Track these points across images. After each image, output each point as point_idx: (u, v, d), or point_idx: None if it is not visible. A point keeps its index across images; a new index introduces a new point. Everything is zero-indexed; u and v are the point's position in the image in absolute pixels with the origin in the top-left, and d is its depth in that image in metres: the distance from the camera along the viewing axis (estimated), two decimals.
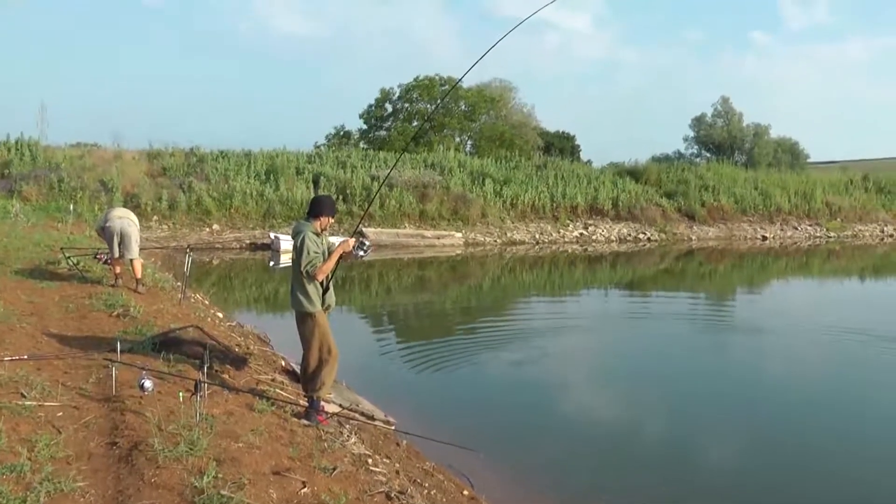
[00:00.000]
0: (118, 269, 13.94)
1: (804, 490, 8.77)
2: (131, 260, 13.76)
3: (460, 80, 42.11)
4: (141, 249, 14.60)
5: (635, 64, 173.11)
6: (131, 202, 31.30)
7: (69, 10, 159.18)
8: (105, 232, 13.83)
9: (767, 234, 45.04)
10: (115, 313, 11.48)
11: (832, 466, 9.53)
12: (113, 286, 13.59)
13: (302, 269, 7.83)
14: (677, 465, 9.44)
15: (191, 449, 5.93)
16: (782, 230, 46.33)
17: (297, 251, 7.89)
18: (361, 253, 8.16)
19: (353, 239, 8.07)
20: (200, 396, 6.89)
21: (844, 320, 19.43)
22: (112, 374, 7.43)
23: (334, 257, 7.89)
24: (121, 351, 8.11)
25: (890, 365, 15.19)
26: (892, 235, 48.77)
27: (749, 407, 12.10)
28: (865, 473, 9.22)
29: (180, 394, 6.99)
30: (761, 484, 8.76)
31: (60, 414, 6.62)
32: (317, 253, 7.83)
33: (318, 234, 8.01)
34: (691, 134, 72.73)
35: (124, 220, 13.85)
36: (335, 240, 8.20)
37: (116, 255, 13.74)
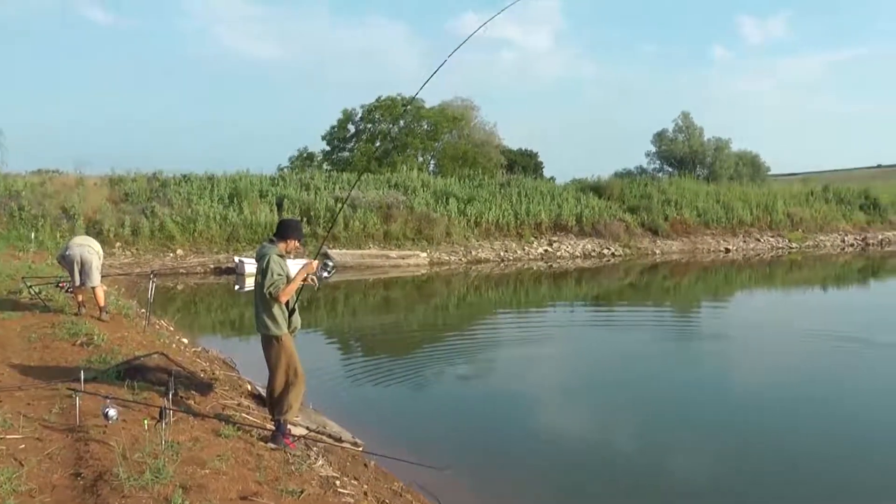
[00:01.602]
0: (81, 298, 13.82)
1: (778, 495, 8.84)
2: (93, 287, 13.66)
3: (415, 95, 42.47)
4: (104, 276, 14.49)
5: (595, 80, 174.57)
6: (94, 229, 31.06)
7: (27, 35, 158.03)
8: (65, 260, 13.72)
9: (730, 247, 45.46)
10: (79, 342, 11.38)
11: (804, 467, 9.62)
12: (76, 315, 13.47)
13: (265, 290, 7.83)
14: (647, 478, 9.48)
15: (156, 477, 5.88)
16: (745, 242, 46.77)
17: (262, 273, 7.89)
18: (325, 274, 8.18)
19: (317, 261, 8.08)
20: (166, 423, 6.85)
21: (812, 326, 19.91)
22: (76, 404, 7.36)
23: (298, 279, 7.90)
24: (84, 380, 8.03)
25: (858, 365, 15.69)
26: (852, 245, 49.44)
27: (718, 415, 12.25)
28: (837, 472, 9.35)
29: (145, 421, 6.94)
30: (735, 494, 8.84)
31: (23, 446, 6.56)
32: (280, 275, 7.82)
33: (282, 257, 8.01)
34: (653, 149, 73.33)
35: (84, 247, 13.74)
36: (299, 262, 8.19)
37: (78, 283, 13.63)
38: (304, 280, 8.03)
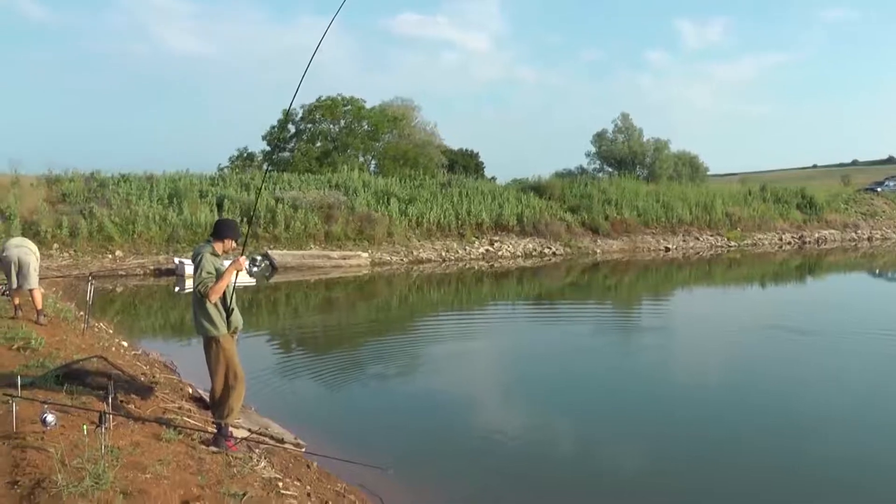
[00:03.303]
0: (17, 301, 13.65)
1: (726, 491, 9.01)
2: (30, 290, 13.49)
3: (296, 91, 42.07)
4: (41, 279, 14.31)
5: (535, 82, 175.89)
6: (30, 230, 30.52)
7: None
8: (2, 263, 13.53)
9: (670, 246, 46.02)
10: (16, 346, 11.22)
11: (742, 458, 9.81)
12: (13, 318, 13.28)
13: (194, 287, 7.80)
14: (588, 473, 9.62)
15: (96, 483, 5.83)
16: (685, 241, 47.39)
17: (194, 272, 7.86)
18: (255, 269, 8.17)
19: (244, 257, 8.05)
20: (105, 428, 6.79)
21: (750, 319, 20.65)
22: (12, 410, 7.26)
23: (227, 277, 7.83)
24: (21, 385, 7.92)
25: (797, 356, 16.21)
26: (789, 243, 50.42)
27: (655, 408, 12.45)
28: (782, 462, 9.53)
29: (84, 427, 6.88)
30: (672, 487, 8.98)
31: None
32: (210, 273, 7.77)
33: (217, 256, 7.97)
34: (593, 149, 74.05)
35: (21, 248, 13.58)
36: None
37: (15, 285, 13.45)
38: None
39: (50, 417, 6.85)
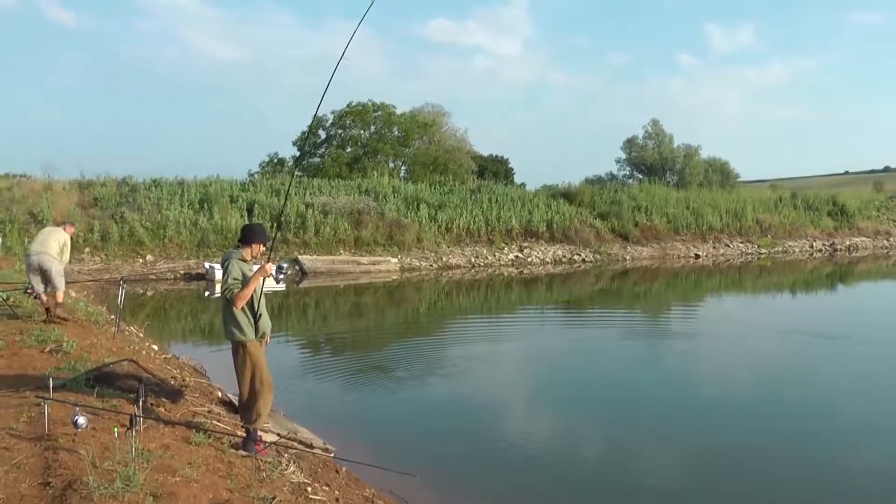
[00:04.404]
0: (48, 304, 13.69)
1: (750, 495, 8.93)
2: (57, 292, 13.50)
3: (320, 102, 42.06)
4: (73, 282, 14.40)
5: (565, 87, 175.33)
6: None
7: None
8: (28, 268, 13.56)
9: (700, 253, 45.72)
10: (48, 349, 11.30)
11: (774, 464, 9.71)
12: (45, 321, 13.35)
13: (221, 292, 7.83)
14: (617, 480, 9.56)
15: (127, 485, 5.85)
16: (714, 248, 47.08)
17: (222, 277, 7.88)
18: (282, 276, 8.17)
19: (271, 263, 8.05)
20: (136, 431, 6.82)
21: (782, 327, 20.51)
22: (44, 412, 7.29)
23: (253, 283, 7.82)
24: (53, 388, 7.97)
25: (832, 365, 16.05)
26: (820, 251, 49.90)
27: (689, 415, 12.36)
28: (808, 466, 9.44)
29: (115, 429, 6.91)
30: (708, 494, 8.91)
31: None
32: (236, 279, 7.76)
33: (245, 262, 7.98)
34: (623, 156, 73.59)
35: (42, 255, 13.41)
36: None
37: (39, 290, 13.46)
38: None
39: (81, 420, 6.88)
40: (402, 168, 59.54)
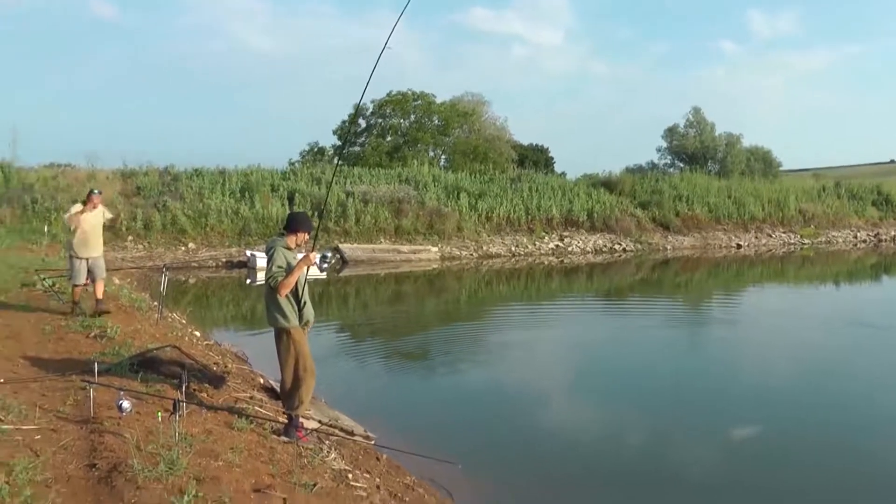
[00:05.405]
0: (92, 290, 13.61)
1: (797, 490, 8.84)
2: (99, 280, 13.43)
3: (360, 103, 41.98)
4: (117, 269, 14.49)
5: (606, 75, 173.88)
6: (106, 222, 31.01)
7: (39, 31, 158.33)
8: (72, 261, 13.43)
9: (742, 242, 45.25)
10: (92, 334, 11.43)
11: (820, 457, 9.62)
12: (91, 315, 13.13)
13: (265, 280, 7.90)
14: (665, 472, 9.48)
15: (170, 469, 5.91)
16: (756, 238, 46.60)
17: (267, 265, 7.93)
18: (325, 265, 8.19)
19: (314, 253, 8.08)
20: (179, 416, 6.88)
21: (829, 317, 20.20)
22: (90, 396, 7.38)
23: (296, 271, 7.86)
24: (98, 372, 8.04)
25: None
26: (864, 241, 49.14)
27: (737, 405, 12.20)
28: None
29: (158, 414, 6.97)
30: (757, 488, 8.83)
31: (38, 437, 6.58)
32: (280, 267, 7.81)
33: (290, 250, 8.01)
34: (664, 144, 72.87)
35: (93, 256, 13.34)
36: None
37: (82, 280, 13.37)
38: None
39: (125, 404, 6.96)
40: (443, 157, 59.55)
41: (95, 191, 13.71)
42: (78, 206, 13.46)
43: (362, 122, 59.83)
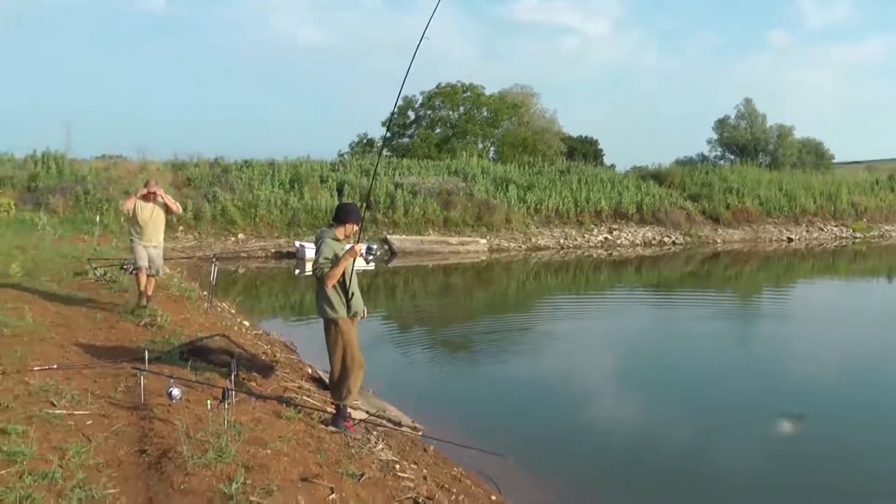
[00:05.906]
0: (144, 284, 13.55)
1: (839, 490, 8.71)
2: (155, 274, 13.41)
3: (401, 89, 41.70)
4: (168, 259, 14.60)
5: (655, 67, 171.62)
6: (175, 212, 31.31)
7: (90, 25, 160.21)
8: (134, 247, 13.43)
9: (793, 236, 44.67)
10: (143, 323, 11.55)
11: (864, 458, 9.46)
12: (143, 306, 13.16)
13: (312, 271, 7.93)
14: (715, 468, 9.40)
15: (219, 456, 5.94)
16: (808, 231, 45.97)
17: (315, 257, 7.95)
18: (371, 257, 8.22)
19: (361, 244, 8.09)
20: (228, 404, 6.92)
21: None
22: (140, 383, 7.46)
23: (342, 264, 7.86)
24: (148, 360, 8.11)
25: None
26: None
27: (783, 401, 12.05)
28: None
29: (208, 402, 7.01)
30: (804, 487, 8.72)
31: (90, 422, 6.66)
32: (327, 258, 7.81)
33: (338, 241, 8.01)
34: (714, 136, 72.01)
35: (153, 248, 13.33)
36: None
37: (144, 265, 13.35)
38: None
39: (175, 391, 7.01)
40: (491, 149, 59.38)
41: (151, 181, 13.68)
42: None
43: (411, 114, 59.85)
